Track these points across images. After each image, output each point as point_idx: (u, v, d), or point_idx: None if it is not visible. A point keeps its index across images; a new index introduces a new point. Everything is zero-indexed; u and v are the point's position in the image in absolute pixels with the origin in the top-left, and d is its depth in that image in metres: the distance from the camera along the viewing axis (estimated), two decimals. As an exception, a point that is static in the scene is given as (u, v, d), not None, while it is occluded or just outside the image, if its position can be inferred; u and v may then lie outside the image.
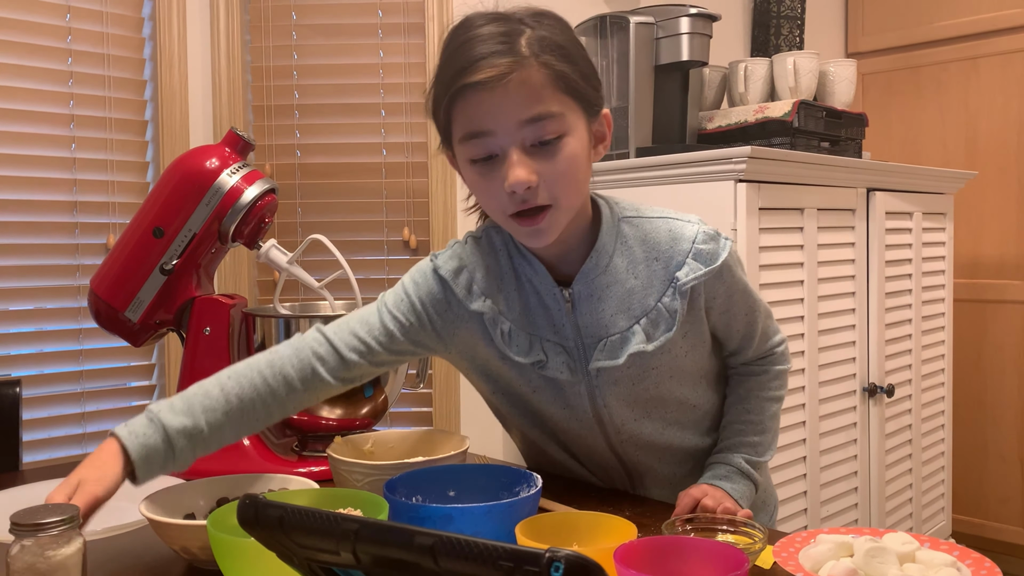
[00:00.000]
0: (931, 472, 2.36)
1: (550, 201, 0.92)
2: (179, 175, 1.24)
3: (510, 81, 0.88)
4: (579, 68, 0.93)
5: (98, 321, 1.27)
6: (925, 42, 2.93)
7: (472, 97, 0.90)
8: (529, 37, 0.91)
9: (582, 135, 0.94)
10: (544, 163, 0.91)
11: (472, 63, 0.89)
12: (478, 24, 0.92)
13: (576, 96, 0.93)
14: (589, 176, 0.98)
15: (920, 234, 2.25)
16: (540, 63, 0.90)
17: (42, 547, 0.70)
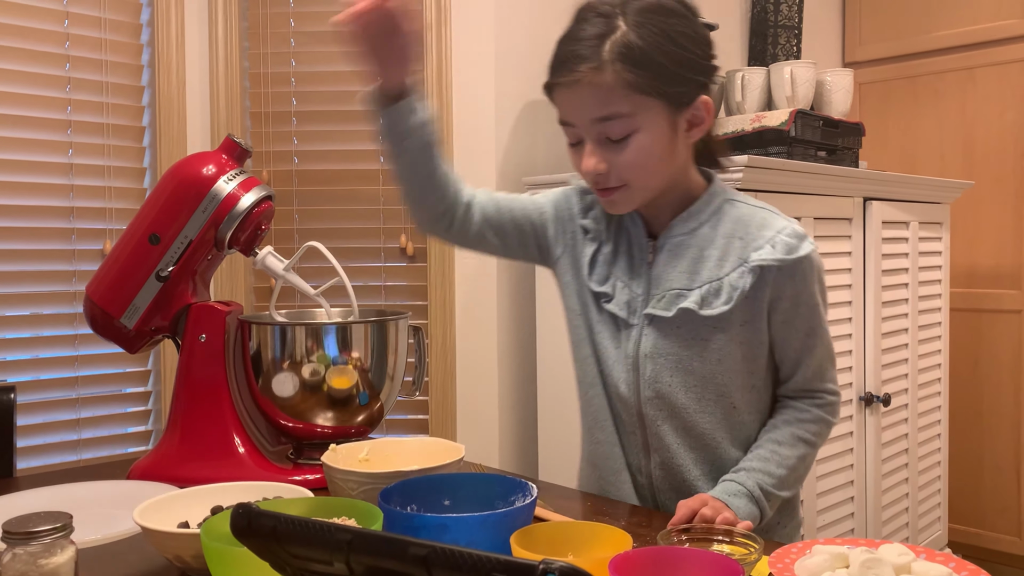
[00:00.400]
0: (927, 482, 2.36)
1: (621, 183, 1.06)
2: (176, 181, 1.23)
3: (585, 84, 1.02)
4: (662, 67, 1.02)
5: (93, 327, 1.27)
6: (922, 52, 2.94)
7: (558, 93, 1.07)
8: (615, 41, 1.01)
9: (659, 129, 1.04)
10: (614, 154, 1.04)
11: (559, 63, 1.05)
12: (582, 18, 1.06)
13: (654, 94, 1.02)
14: (674, 159, 1.07)
15: (917, 243, 2.25)
16: (615, 69, 1.01)
17: (34, 556, 0.70)
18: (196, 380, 1.23)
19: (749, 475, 1.08)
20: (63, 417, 1.76)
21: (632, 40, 1.01)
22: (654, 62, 1.01)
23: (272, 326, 1.22)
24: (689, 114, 1.06)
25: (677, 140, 1.06)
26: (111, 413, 1.83)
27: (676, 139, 1.06)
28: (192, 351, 1.24)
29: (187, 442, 1.22)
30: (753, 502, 1.06)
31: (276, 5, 2.00)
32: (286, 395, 1.21)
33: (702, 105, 1.06)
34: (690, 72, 1.04)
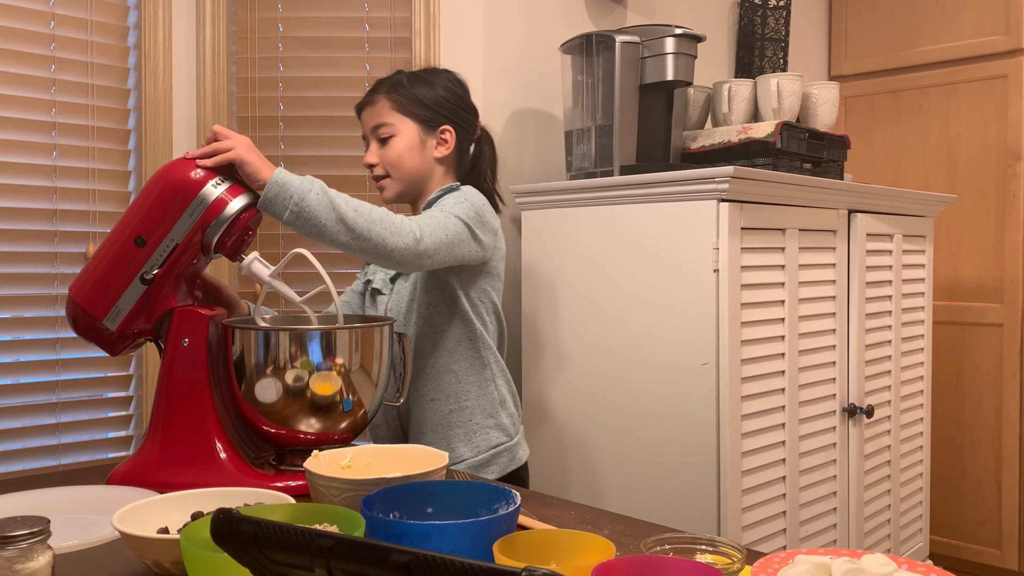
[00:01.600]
0: (909, 493, 2.37)
1: (384, 173, 1.59)
2: (163, 184, 1.23)
3: (368, 106, 1.61)
4: (415, 98, 1.58)
5: (75, 329, 1.26)
6: (907, 67, 2.97)
7: (360, 115, 1.65)
8: (392, 82, 1.60)
9: (411, 137, 1.57)
10: (382, 152, 1.59)
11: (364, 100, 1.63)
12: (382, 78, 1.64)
13: (408, 114, 1.57)
14: (422, 163, 1.59)
15: (900, 256, 2.27)
16: (386, 95, 1.59)
17: (10, 560, 0.69)
18: (178, 385, 1.22)
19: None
20: (43, 421, 1.75)
21: (403, 82, 1.59)
22: (408, 92, 1.58)
23: (255, 331, 1.21)
24: (436, 135, 1.59)
25: (425, 151, 1.59)
26: (92, 417, 1.81)
27: (424, 150, 1.59)
28: (174, 355, 1.23)
29: (168, 447, 1.21)
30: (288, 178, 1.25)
31: (264, 10, 1.99)
32: (269, 401, 1.20)
33: (446, 131, 1.59)
34: (437, 107, 1.58)
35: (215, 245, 1.24)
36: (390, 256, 1.30)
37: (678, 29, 1.94)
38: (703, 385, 1.72)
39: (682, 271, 1.74)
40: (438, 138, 1.59)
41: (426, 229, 1.35)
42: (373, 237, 1.27)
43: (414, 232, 1.32)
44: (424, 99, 1.58)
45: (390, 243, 1.28)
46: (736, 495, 1.72)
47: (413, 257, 1.32)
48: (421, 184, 1.60)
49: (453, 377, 1.56)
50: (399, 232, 1.29)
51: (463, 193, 1.52)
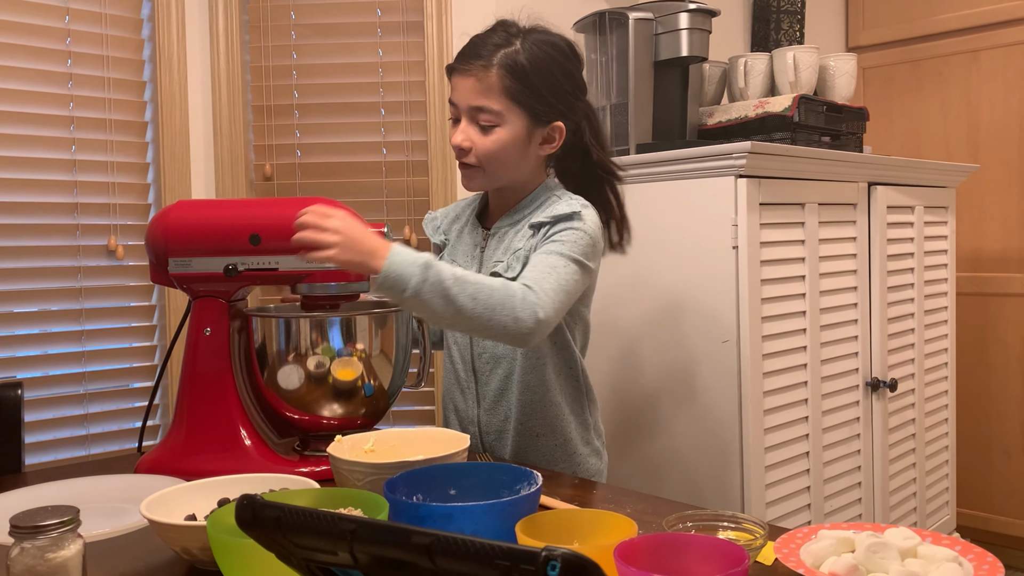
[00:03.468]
0: (935, 466, 2.36)
1: (478, 163, 1.31)
2: None
3: (472, 76, 1.29)
4: (533, 85, 1.28)
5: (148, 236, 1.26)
6: (926, 35, 2.92)
7: (454, 77, 1.33)
8: (507, 52, 1.28)
9: (517, 132, 1.30)
10: (478, 137, 1.30)
11: (463, 55, 1.32)
12: (493, 29, 1.33)
13: (520, 103, 1.29)
14: (524, 161, 1.33)
15: (922, 228, 2.24)
16: (498, 73, 1.28)
17: (42, 550, 0.70)
18: (202, 374, 1.24)
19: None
20: (71, 413, 1.77)
21: (519, 56, 1.28)
22: (528, 79, 1.28)
23: (276, 319, 1.22)
24: (545, 132, 1.32)
25: (530, 148, 1.32)
26: (118, 408, 1.84)
27: (529, 147, 1.32)
28: (197, 345, 1.24)
29: (193, 435, 1.23)
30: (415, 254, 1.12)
31: (276, -2, 2.00)
32: (291, 387, 1.22)
33: (556, 128, 1.33)
34: (554, 98, 1.31)
35: (303, 299, 1.25)
36: (512, 341, 1.18)
37: (692, 4, 1.92)
38: (724, 362, 1.71)
39: (701, 248, 1.73)
40: (546, 134, 1.33)
41: (545, 299, 1.17)
42: (494, 327, 1.14)
43: (536, 312, 1.15)
44: (544, 90, 1.30)
45: (511, 330, 1.15)
46: (759, 471, 1.72)
47: (536, 336, 1.17)
48: (516, 179, 1.36)
49: (557, 410, 1.37)
50: (520, 316, 1.14)
51: (581, 221, 1.27)
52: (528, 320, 1.14)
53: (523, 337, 1.16)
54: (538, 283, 1.18)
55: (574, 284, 1.23)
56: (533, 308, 1.15)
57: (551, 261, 1.22)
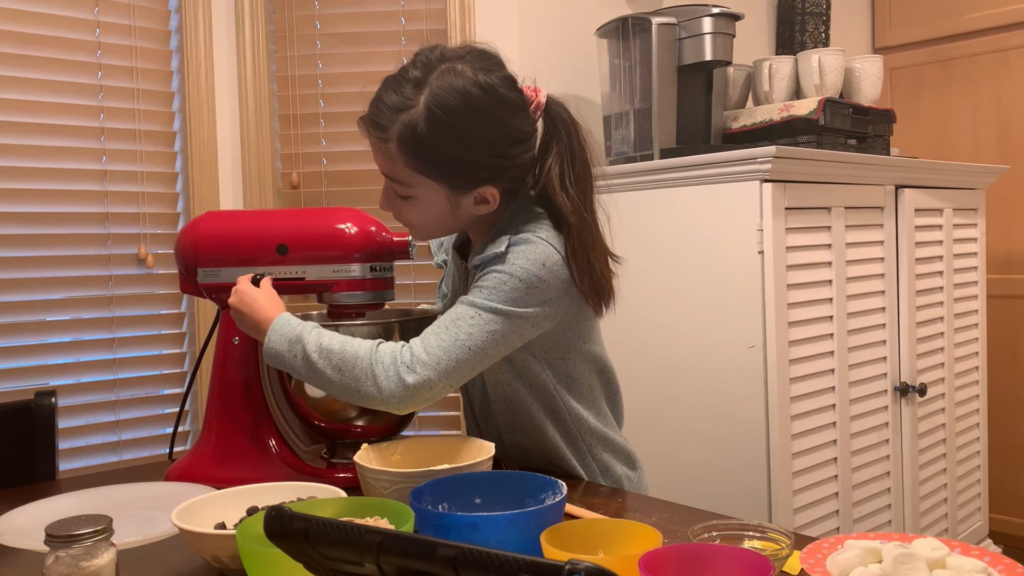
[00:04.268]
0: (966, 472, 2.33)
1: (406, 226, 1.21)
2: (331, 230, 1.23)
3: (375, 146, 1.14)
4: (438, 161, 1.11)
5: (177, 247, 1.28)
6: (954, 35, 2.89)
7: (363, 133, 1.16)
8: (405, 120, 1.10)
9: (435, 201, 1.15)
10: (398, 204, 1.18)
11: (366, 117, 1.15)
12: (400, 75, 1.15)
13: (430, 176, 1.13)
14: (454, 221, 1.19)
15: (951, 230, 2.22)
16: (398, 147, 1.11)
17: (76, 558, 0.72)
18: (230, 382, 1.25)
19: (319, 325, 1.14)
20: (102, 419, 1.80)
21: (419, 128, 1.09)
22: (431, 155, 1.10)
23: (303, 328, 1.23)
24: (471, 195, 1.16)
25: (460, 210, 1.17)
26: (149, 414, 1.86)
27: (459, 210, 1.17)
28: (226, 354, 1.26)
29: (223, 444, 1.24)
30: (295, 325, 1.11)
31: (301, 8, 2.02)
32: (318, 395, 1.23)
33: (487, 192, 1.15)
34: (470, 169, 1.12)
35: (330, 307, 1.26)
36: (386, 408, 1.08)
37: (715, 8, 1.91)
38: (751, 368, 1.70)
39: (726, 254, 1.73)
40: (476, 196, 1.16)
41: (425, 358, 1.07)
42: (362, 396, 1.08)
43: (403, 378, 1.06)
44: (454, 160, 1.12)
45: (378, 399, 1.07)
46: (787, 478, 1.71)
47: (409, 402, 1.07)
48: (477, 227, 1.23)
49: (552, 445, 1.24)
50: (383, 385, 1.06)
51: (505, 263, 1.11)
52: (392, 387, 1.06)
53: (393, 404, 1.07)
54: (424, 341, 1.09)
55: (486, 336, 1.09)
56: (400, 374, 1.06)
57: (456, 313, 1.11)
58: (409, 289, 2.02)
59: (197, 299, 1.90)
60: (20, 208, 1.71)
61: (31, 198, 1.72)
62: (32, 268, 1.72)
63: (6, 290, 1.69)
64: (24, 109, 1.71)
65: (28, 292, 1.72)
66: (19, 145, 1.70)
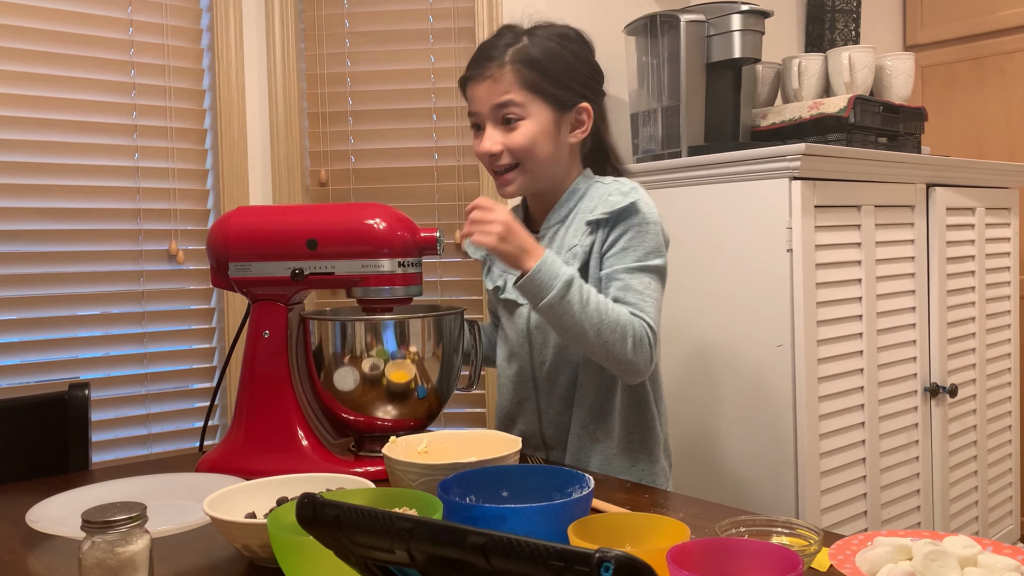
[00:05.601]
0: (998, 474, 2.30)
1: (513, 161, 1.31)
2: (361, 226, 1.24)
3: (489, 77, 1.30)
4: (548, 73, 1.30)
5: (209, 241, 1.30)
6: (988, 32, 2.85)
7: (470, 87, 1.33)
8: (518, 48, 1.30)
9: (543, 121, 1.30)
10: (507, 136, 1.30)
11: (474, 63, 1.32)
12: (499, 33, 1.34)
13: (540, 93, 1.29)
14: (557, 151, 1.32)
15: (983, 230, 2.19)
16: (513, 68, 1.29)
17: (111, 544, 0.73)
18: (260, 375, 1.27)
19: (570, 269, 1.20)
20: (133, 413, 1.83)
21: (530, 50, 1.30)
22: (543, 68, 1.29)
23: (332, 322, 1.25)
24: (572, 117, 1.33)
25: (560, 136, 1.32)
26: (179, 408, 1.89)
27: (559, 135, 1.32)
28: (256, 347, 1.27)
29: (252, 436, 1.25)
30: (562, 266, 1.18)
31: (331, 6, 2.03)
32: (347, 389, 1.24)
33: (583, 110, 1.33)
34: (572, 82, 1.31)
35: (359, 302, 1.27)
36: (623, 376, 1.23)
37: (744, 5, 1.90)
38: (779, 367, 1.70)
39: (754, 252, 1.72)
40: (574, 120, 1.33)
41: (657, 333, 1.22)
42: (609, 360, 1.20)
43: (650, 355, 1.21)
44: (559, 74, 1.30)
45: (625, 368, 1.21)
46: (814, 477, 1.70)
47: (647, 375, 1.24)
48: (554, 175, 1.35)
49: (624, 416, 1.34)
50: (635, 360, 1.20)
51: (641, 214, 1.26)
52: (642, 359, 1.20)
53: (639, 372, 1.22)
54: (650, 317, 1.22)
55: (661, 293, 1.27)
56: (649, 350, 1.20)
57: (641, 283, 1.24)
58: (435, 286, 2.03)
59: (227, 295, 1.92)
60: (54, 204, 1.74)
61: (65, 194, 1.75)
62: (65, 263, 1.75)
63: (40, 285, 1.72)
64: (58, 107, 1.74)
65: (61, 286, 1.74)
66: (53, 142, 1.73)
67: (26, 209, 1.71)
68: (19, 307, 1.70)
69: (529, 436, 1.41)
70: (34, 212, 1.71)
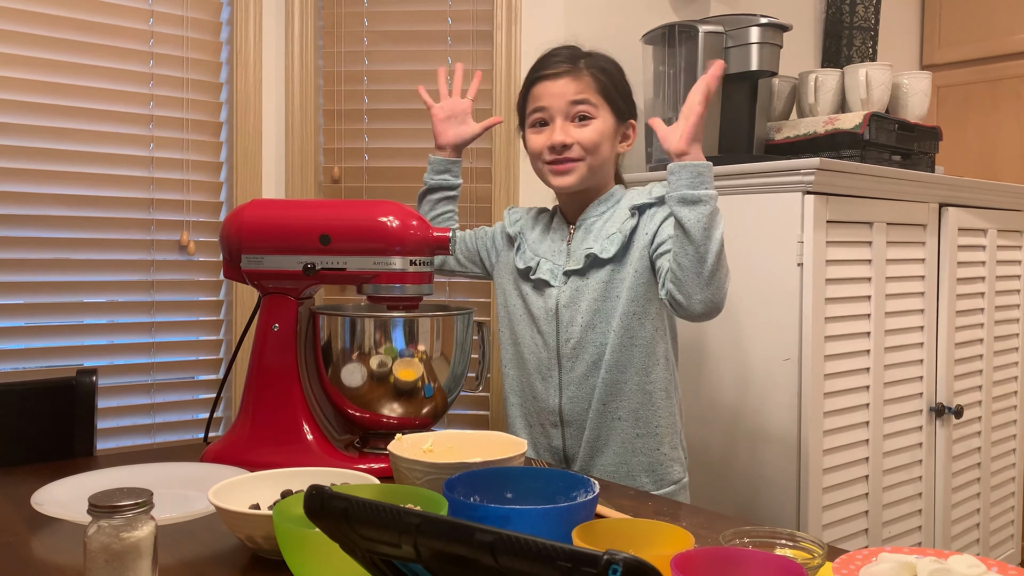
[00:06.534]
0: (1001, 498, 2.29)
1: (578, 156, 1.41)
2: (374, 223, 1.24)
3: (566, 76, 1.41)
4: (616, 85, 1.44)
5: (222, 235, 1.30)
6: (1005, 54, 2.85)
7: (540, 84, 1.43)
8: (586, 59, 1.43)
9: (607, 124, 1.42)
10: (578, 131, 1.41)
11: (546, 63, 1.44)
12: (555, 51, 1.46)
13: (609, 100, 1.42)
14: (610, 155, 1.44)
15: (994, 251, 2.19)
16: (590, 72, 1.42)
17: (117, 529, 0.73)
18: (268, 368, 1.27)
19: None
20: (138, 401, 1.83)
21: (604, 63, 1.44)
22: (613, 79, 1.44)
23: (342, 317, 1.25)
24: (623, 130, 1.46)
25: (614, 143, 1.45)
26: (184, 399, 1.89)
27: (613, 141, 1.45)
28: (265, 340, 1.27)
29: (258, 428, 1.26)
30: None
31: (350, 5, 2.04)
32: (354, 385, 1.24)
33: (631, 125, 1.48)
34: (628, 102, 1.46)
35: (368, 298, 1.28)
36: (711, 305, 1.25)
37: (763, 18, 1.90)
38: (785, 381, 1.69)
39: (765, 264, 1.72)
40: (624, 132, 1.47)
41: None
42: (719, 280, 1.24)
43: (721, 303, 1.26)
44: (622, 88, 1.45)
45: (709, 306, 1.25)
46: (817, 492, 1.70)
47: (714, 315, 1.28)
48: (602, 176, 1.46)
49: (647, 398, 1.39)
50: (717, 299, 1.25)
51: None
52: (720, 300, 1.25)
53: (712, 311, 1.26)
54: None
55: None
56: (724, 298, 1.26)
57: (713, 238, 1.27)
58: (444, 287, 2.03)
59: (236, 288, 1.93)
60: (69, 191, 1.74)
61: (80, 182, 1.75)
62: (78, 250, 1.75)
63: (51, 270, 1.72)
64: (77, 94, 1.74)
65: (72, 273, 1.75)
66: (70, 129, 1.74)
67: (42, 195, 1.71)
68: (30, 291, 1.71)
69: (548, 412, 1.44)
70: (50, 198, 1.72)
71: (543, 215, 1.54)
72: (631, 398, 1.38)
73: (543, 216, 1.53)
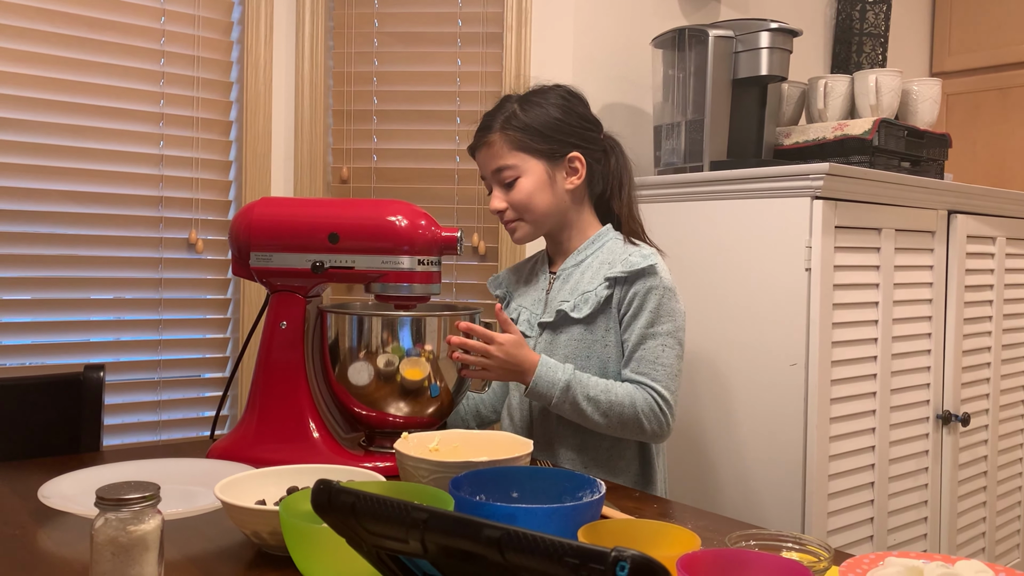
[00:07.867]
0: (1007, 506, 2.28)
1: (516, 216, 1.45)
2: (382, 222, 1.25)
3: (484, 147, 1.45)
4: (535, 131, 1.41)
5: (231, 231, 1.30)
6: (1015, 63, 2.84)
7: (475, 155, 1.49)
8: (506, 115, 1.43)
9: (537, 175, 1.42)
10: (509, 195, 1.44)
11: (474, 136, 1.48)
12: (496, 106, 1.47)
13: (529, 151, 1.42)
14: (555, 200, 1.44)
15: (1003, 259, 2.18)
16: (501, 134, 1.42)
17: (124, 522, 0.73)
18: (275, 365, 1.27)
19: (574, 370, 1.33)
20: (145, 399, 1.83)
21: (516, 113, 1.43)
22: (528, 128, 1.41)
23: (350, 315, 1.25)
24: (565, 166, 1.44)
25: (556, 185, 1.44)
26: (190, 396, 1.89)
27: (555, 185, 1.44)
28: (272, 337, 1.28)
29: (264, 425, 1.26)
30: (557, 371, 1.30)
31: (361, 6, 2.04)
32: (361, 384, 1.24)
33: (574, 158, 1.44)
34: (559, 135, 1.42)
35: (376, 298, 1.28)
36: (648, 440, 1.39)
37: (773, 23, 1.90)
38: (791, 386, 1.69)
39: (773, 269, 1.71)
40: (567, 168, 1.44)
41: (672, 402, 1.35)
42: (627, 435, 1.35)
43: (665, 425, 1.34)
44: (542, 128, 1.41)
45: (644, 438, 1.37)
46: (822, 498, 1.69)
47: (666, 439, 1.39)
48: (558, 219, 1.46)
49: (619, 449, 1.42)
50: (651, 429, 1.33)
51: (662, 279, 1.37)
52: (658, 428, 1.33)
53: (654, 441, 1.38)
54: (661, 383, 1.34)
55: (676, 354, 1.37)
56: (662, 422, 1.33)
57: (653, 352, 1.35)
58: (451, 288, 2.03)
59: (244, 286, 1.93)
60: (79, 188, 1.75)
61: (90, 178, 1.76)
62: (87, 246, 1.76)
63: (60, 266, 1.73)
64: (88, 92, 1.75)
65: (81, 270, 1.76)
66: (81, 126, 1.75)
67: (52, 191, 1.72)
68: (38, 287, 1.71)
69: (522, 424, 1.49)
70: (59, 194, 1.73)
71: (527, 263, 1.58)
72: (603, 451, 1.41)
73: (527, 264, 1.58)
